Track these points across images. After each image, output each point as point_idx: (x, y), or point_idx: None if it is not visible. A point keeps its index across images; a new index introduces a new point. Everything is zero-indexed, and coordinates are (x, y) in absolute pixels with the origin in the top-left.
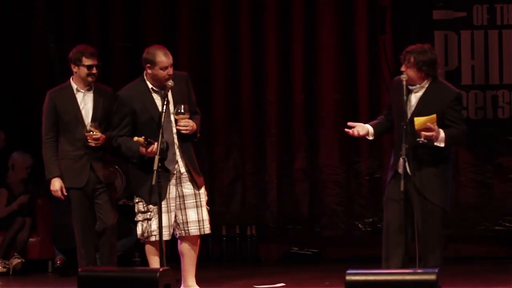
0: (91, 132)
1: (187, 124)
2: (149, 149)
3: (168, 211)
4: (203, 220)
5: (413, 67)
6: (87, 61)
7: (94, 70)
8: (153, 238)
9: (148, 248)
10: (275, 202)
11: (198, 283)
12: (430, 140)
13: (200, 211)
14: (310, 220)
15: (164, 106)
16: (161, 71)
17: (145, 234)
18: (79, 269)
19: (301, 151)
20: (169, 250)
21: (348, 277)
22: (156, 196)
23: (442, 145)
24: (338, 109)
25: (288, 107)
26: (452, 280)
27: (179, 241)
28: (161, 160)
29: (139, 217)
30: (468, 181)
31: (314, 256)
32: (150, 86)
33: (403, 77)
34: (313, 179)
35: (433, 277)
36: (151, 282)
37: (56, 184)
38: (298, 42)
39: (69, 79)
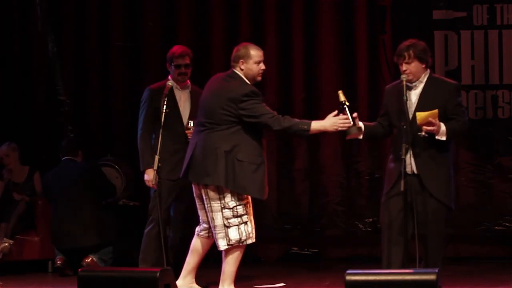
0: (191, 130)
1: None
2: (342, 121)
3: (251, 213)
4: None
5: (415, 60)
6: (176, 61)
7: (183, 70)
8: (249, 241)
9: (238, 252)
10: (275, 202)
11: (197, 283)
12: (432, 134)
13: None
14: (310, 220)
15: (165, 106)
16: (255, 65)
17: (243, 238)
18: (79, 269)
19: (301, 151)
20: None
21: (348, 277)
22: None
23: (444, 138)
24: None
25: (288, 107)
26: (452, 280)
27: (199, 239)
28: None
29: (235, 221)
30: (468, 181)
31: (314, 256)
32: (247, 81)
33: (403, 77)
34: (313, 179)
35: (433, 277)
36: (151, 282)
37: (151, 174)
38: (298, 42)
39: (168, 77)
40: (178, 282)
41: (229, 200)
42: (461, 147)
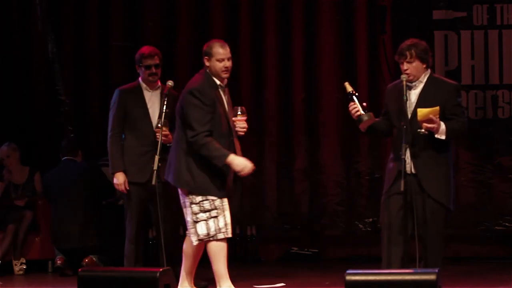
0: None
1: (244, 126)
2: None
3: (225, 210)
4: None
5: (416, 60)
6: (145, 62)
7: (154, 70)
8: (221, 236)
9: (216, 247)
10: (275, 202)
11: (198, 283)
12: (431, 132)
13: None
14: (310, 220)
15: (164, 106)
16: (218, 63)
17: (212, 233)
18: (79, 269)
19: (301, 151)
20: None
21: (348, 277)
22: (224, 193)
23: (443, 137)
24: (338, 109)
25: (288, 107)
26: (452, 280)
27: (187, 239)
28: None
29: (203, 216)
30: (468, 181)
31: (314, 256)
32: (217, 82)
33: (403, 77)
34: (313, 179)
35: (433, 277)
36: (151, 282)
37: (120, 178)
38: (298, 42)
39: (138, 78)
40: None
41: (196, 195)
42: (461, 147)
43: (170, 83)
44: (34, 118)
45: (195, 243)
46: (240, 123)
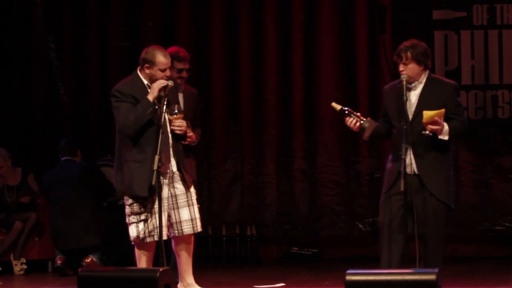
0: None
1: (181, 124)
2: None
3: (162, 211)
4: (195, 218)
5: (412, 62)
6: (178, 65)
7: (185, 74)
8: (150, 239)
9: (141, 251)
10: (275, 202)
11: (198, 283)
12: (435, 133)
13: (192, 209)
14: (309, 220)
15: (165, 106)
16: (160, 72)
17: (141, 236)
18: (79, 269)
19: (301, 151)
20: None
21: (348, 277)
22: (154, 195)
23: (446, 138)
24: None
25: (287, 107)
26: (452, 280)
27: (173, 241)
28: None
29: (133, 219)
30: (468, 181)
31: (314, 256)
32: (145, 82)
33: (403, 77)
34: (312, 179)
35: (433, 277)
36: (151, 282)
37: None
38: (298, 42)
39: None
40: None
41: (128, 197)
42: (461, 147)
43: (170, 83)
44: (34, 118)
45: (132, 243)
46: (176, 122)
